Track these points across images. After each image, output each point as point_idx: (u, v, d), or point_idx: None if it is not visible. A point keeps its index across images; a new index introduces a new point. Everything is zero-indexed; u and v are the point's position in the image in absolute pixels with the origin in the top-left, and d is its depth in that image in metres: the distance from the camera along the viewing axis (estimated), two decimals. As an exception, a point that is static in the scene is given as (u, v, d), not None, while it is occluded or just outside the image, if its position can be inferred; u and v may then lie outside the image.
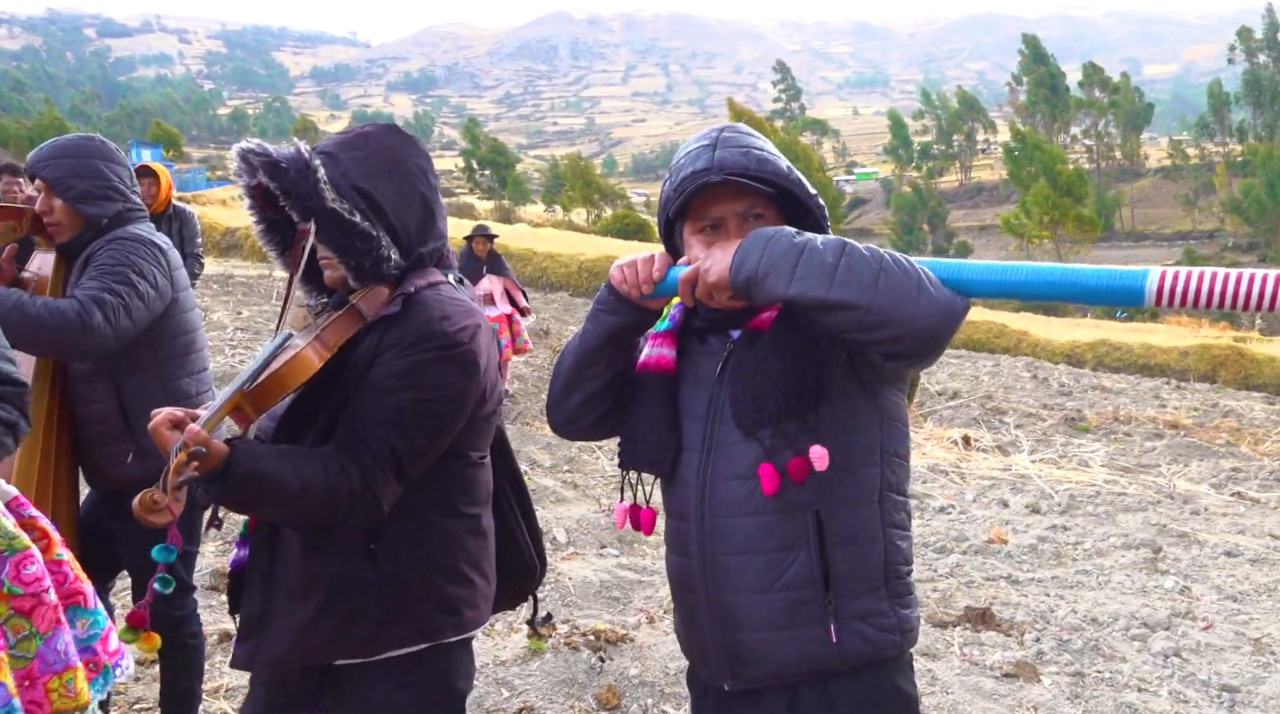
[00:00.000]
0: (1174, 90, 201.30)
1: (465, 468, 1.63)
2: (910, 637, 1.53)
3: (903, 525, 1.54)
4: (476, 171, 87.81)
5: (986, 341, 18.49)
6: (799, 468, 1.43)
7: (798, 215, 1.53)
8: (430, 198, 1.66)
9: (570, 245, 24.65)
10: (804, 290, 1.33)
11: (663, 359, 1.57)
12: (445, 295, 1.59)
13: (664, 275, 1.49)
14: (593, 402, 1.61)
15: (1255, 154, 63.65)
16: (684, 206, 1.52)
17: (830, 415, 1.46)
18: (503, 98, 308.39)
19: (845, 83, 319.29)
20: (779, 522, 1.46)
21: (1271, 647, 4.01)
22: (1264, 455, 8.72)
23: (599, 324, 1.54)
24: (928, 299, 1.32)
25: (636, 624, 3.95)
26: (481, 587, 1.66)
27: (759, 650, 1.48)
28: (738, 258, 1.38)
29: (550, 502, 5.73)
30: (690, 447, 1.54)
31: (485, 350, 1.59)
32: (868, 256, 1.34)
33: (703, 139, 1.54)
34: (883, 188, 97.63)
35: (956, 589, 4.66)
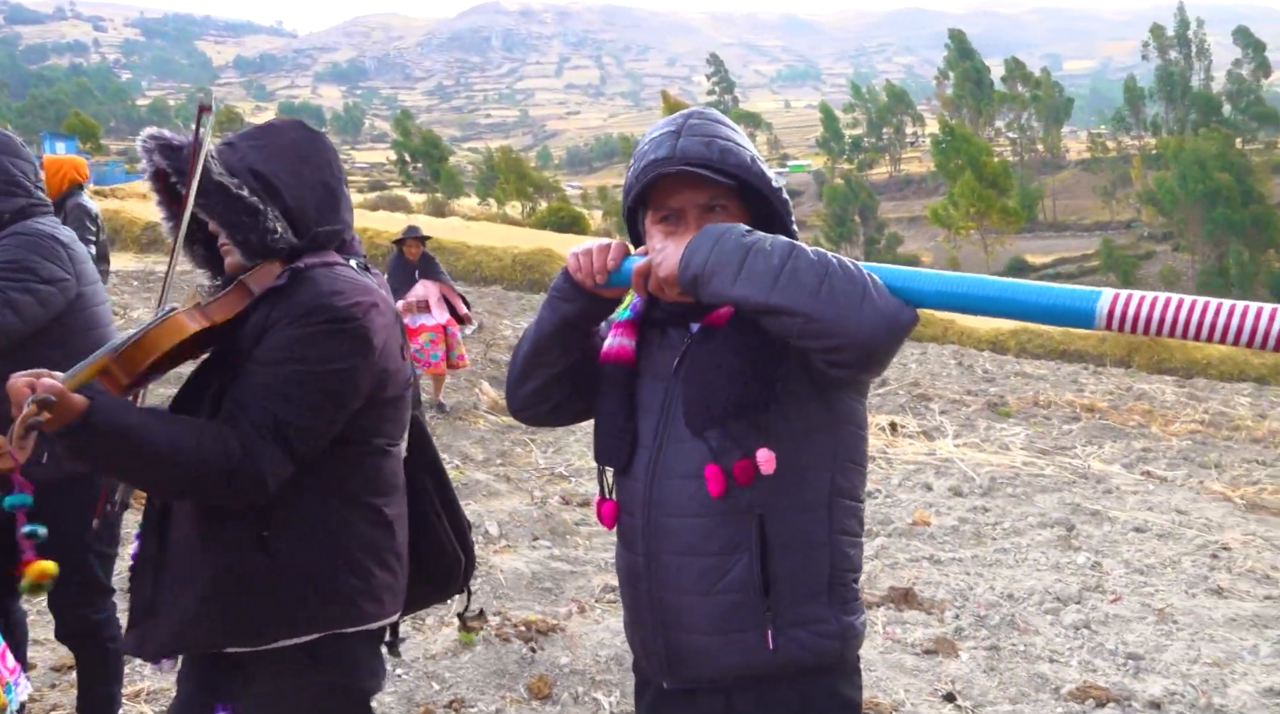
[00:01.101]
0: (1092, 85, 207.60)
1: (368, 456, 1.62)
2: (852, 644, 1.50)
3: (853, 532, 1.51)
4: (409, 164, 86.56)
5: (914, 330, 18.90)
6: (745, 471, 1.40)
7: (762, 209, 1.50)
8: (332, 185, 1.68)
9: (505, 239, 24.48)
10: (747, 293, 1.30)
11: (623, 350, 1.55)
12: (339, 273, 1.60)
13: (619, 265, 1.45)
14: (548, 389, 1.58)
15: (1168, 148, 66.11)
16: (645, 195, 1.50)
17: (781, 418, 1.42)
18: (435, 89, 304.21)
19: (777, 76, 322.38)
20: (722, 524, 1.43)
21: (1174, 616, 4.21)
22: (1172, 435, 9.10)
23: (554, 311, 1.51)
24: (871, 309, 1.28)
25: (568, 614, 3.98)
26: (383, 579, 1.63)
27: (696, 652, 1.46)
28: (687, 253, 1.35)
29: (483, 495, 5.72)
30: (643, 442, 1.51)
31: (382, 330, 1.59)
32: (814, 262, 1.30)
33: (669, 125, 1.50)
34: (815, 180, 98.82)
35: (881, 570, 4.79)
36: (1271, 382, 15.28)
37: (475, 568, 1.94)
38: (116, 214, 20.66)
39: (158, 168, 1.57)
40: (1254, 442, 9.20)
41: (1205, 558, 5.09)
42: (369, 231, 20.92)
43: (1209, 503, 6.41)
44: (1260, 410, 11.52)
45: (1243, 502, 6.48)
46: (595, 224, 62.33)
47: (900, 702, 3.31)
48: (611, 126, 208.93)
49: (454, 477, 5.96)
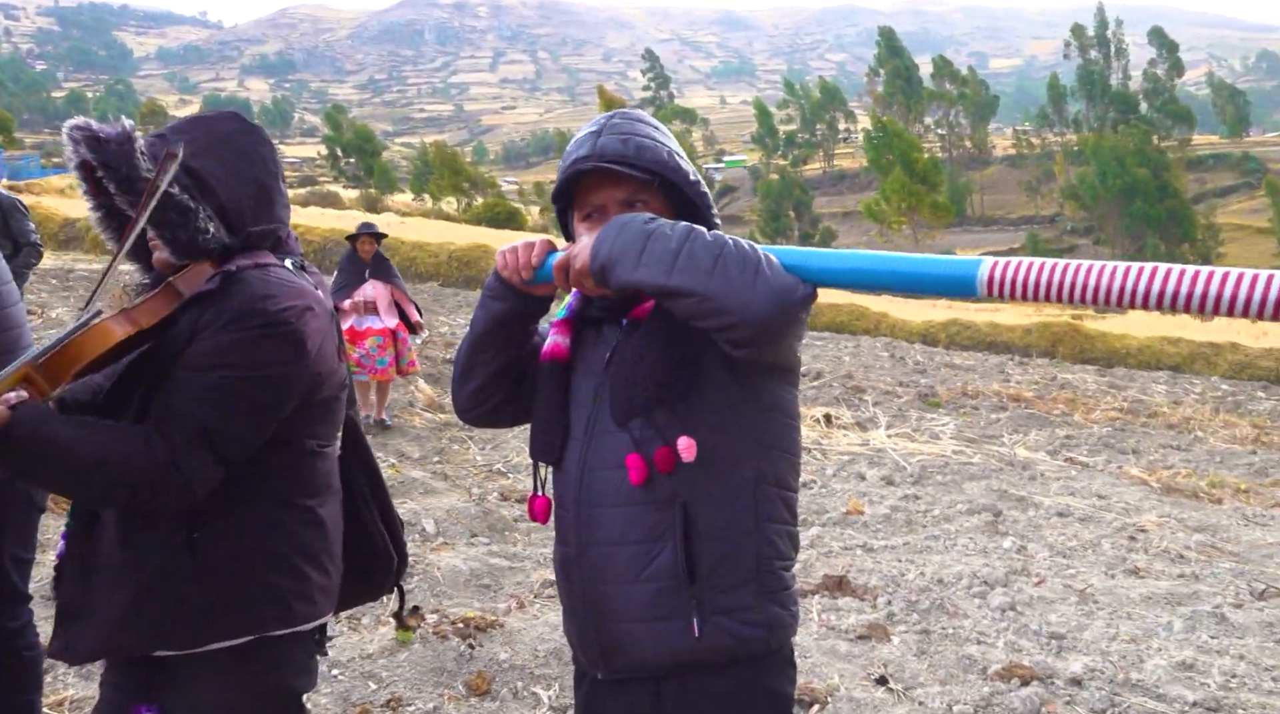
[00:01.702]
0: (1017, 83, 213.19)
1: (301, 456, 1.60)
2: (780, 633, 1.51)
3: (781, 519, 1.52)
4: (341, 159, 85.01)
5: (848, 323, 19.22)
6: (665, 459, 1.43)
7: (683, 204, 1.53)
8: (268, 182, 1.63)
9: (439, 234, 24.17)
10: (647, 277, 1.34)
11: (557, 348, 1.58)
12: (273, 276, 1.56)
13: (543, 261, 1.49)
14: (488, 388, 1.61)
15: (1088, 144, 68.27)
16: (571, 194, 1.54)
17: (703, 406, 1.46)
18: (366, 83, 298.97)
19: (713, 72, 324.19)
20: (646, 513, 1.46)
21: (1094, 596, 4.38)
22: (1094, 423, 9.43)
23: (486, 310, 1.55)
24: (763, 285, 1.32)
25: (507, 610, 3.98)
26: (317, 579, 1.61)
27: (626, 641, 1.48)
28: (595, 243, 1.39)
29: (419, 493, 5.67)
30: (574, 435, 1.54)
31: (316, 333, 1.56)
32: (710, 243, 1.34)
33: (593, 126, 1.55)
34: (751, 175, 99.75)
35: (816, 559, 4.88)
36: (1186, 370, 15.89)
37: (407, 567, 1.93)
38: (33, 210, 19.90)
39: (84, 159, 1.52)
40: (1169, 428, 9.58)
41: (1124, 540, 5.29)
42: (300, 228, 20.49)
43: (1127, 487, 6.66)
44: (1175, 397, 11.99)
45: (1158, 485, 6.75)
46: (532, 220, 62.02)
47: (834, 686, 3.38)
48: (548, 122, 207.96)
49: (390, 475, 5.91)
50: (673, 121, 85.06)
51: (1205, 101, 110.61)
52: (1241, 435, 9.34)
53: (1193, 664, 3.61)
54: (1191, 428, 9.60)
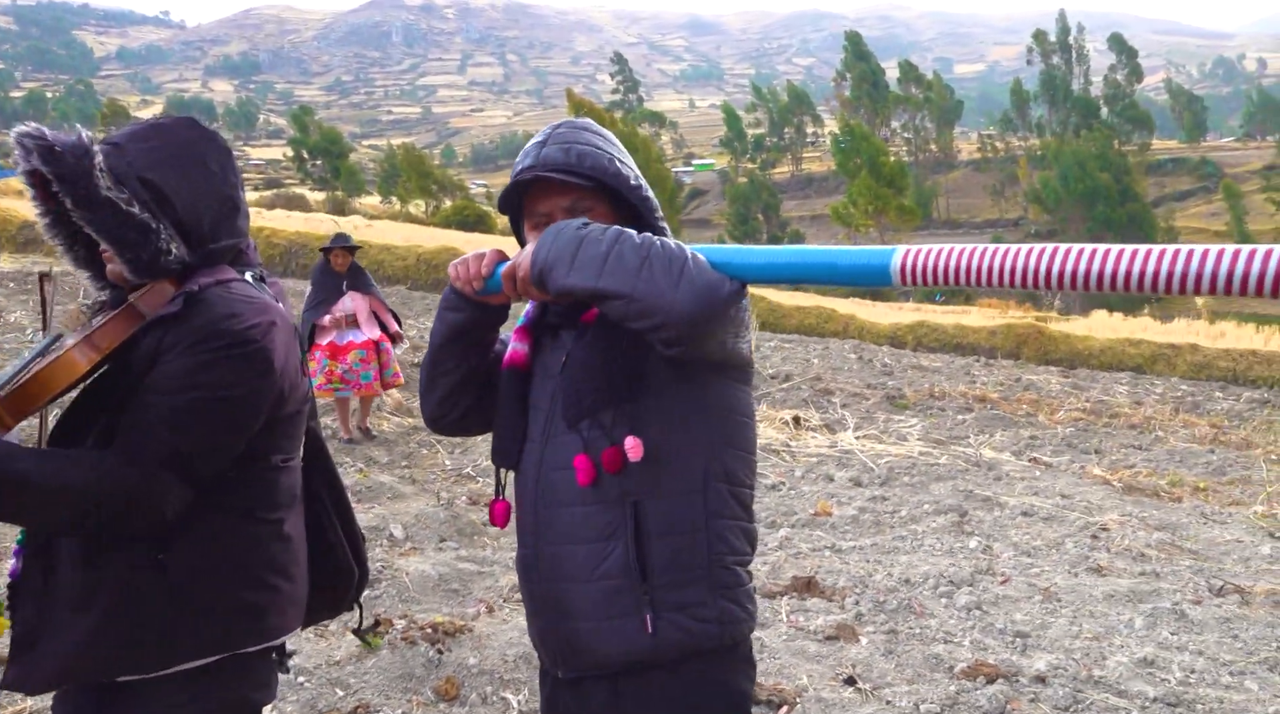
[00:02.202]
0: (981, 88, 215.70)
1: (265, 472, 1.58)
2: (734, 629, 1.52)
3: (734, 516, 1.54)
4: (307, 161, 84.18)
5: (817, 326, 19.34)
6: (613, 459, 1.45)
7: (628, 210, 1.56)
8: (229, 193, 1.60)
9: (407, 238, 24.01)
10: (579, 281, 1.37)
11: (515, 355, 1.61)
12: (235, 293, 1.52)
13: (492, 271, 1.52)
14: (452, 397, 1.64)
15: (1051, 149, 69.29)
16: (519, 203, 1.58)
17: (652, 406, 1.48)
18: (333, 85, 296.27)
19: (681, 75, 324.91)
20: (598, 512, 1.48)
21: (1058, 594, 4.44)
22: (1057, 423, 9.56)
23: (443, 321, 1.60)
24: (688, 283, 1.35)
25: (476, 615, 3.96)
26: (288, 592, 1.60)
27: (582, 640, 1.50)
28: (534, 251, 1.42)
29: (388, 498, 5.63)
30: (531, 438, 1.57)
31: (281, 348, 1.54)
32: (637, 245, 1.37)
33: (540, 136, 1.58)
34: (720, 179, 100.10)
35: (785, 561, 4.90)
36: (1147, 371, 16.16)
37: (368, 581, 1.91)
38: (-11, 213, 19.52)
39: (34, 168, 1.47)
40: (1131, 428, 9.74)
41: (1086, 539, 5.37)
42: (265, 231, 20.28)
43: (1090, 486, 6.76)
44: (1137, 398, 12.19)
45: (1120, 484, 6.86)
46: (501, 223, 61.77)
47: (803, 687, 3.40)
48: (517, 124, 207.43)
49: (358, 480, 5.86)
50: (642, 125, 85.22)
51: (1164, 107, 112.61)
52: (1200, 435, 9.52)
53: (1153, 660, 3.67)
54: (1152, 428, 9.76)
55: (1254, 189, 71.85)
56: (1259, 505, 6.39)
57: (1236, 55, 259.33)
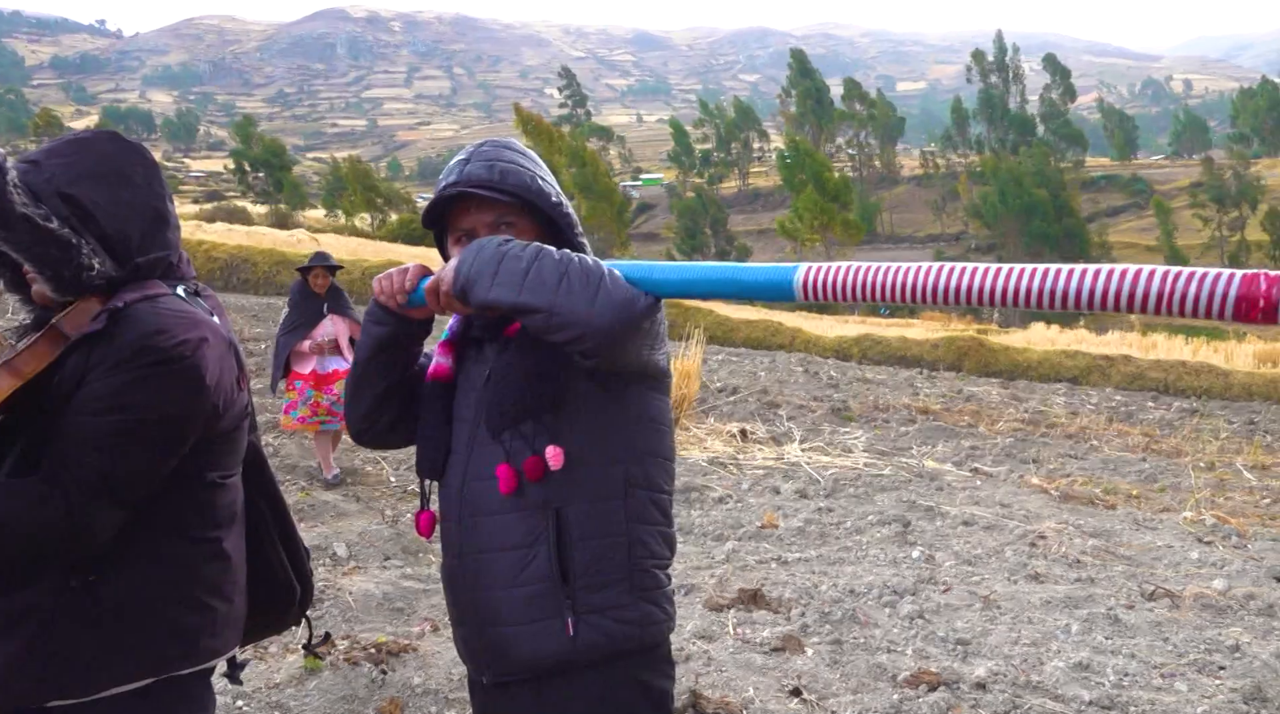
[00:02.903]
0: (922, 106, 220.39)
1: (201, 490, 1.54)
2: (654, 630, 1.57)
3: (653, 521, 1.59)
4: (249, 174, 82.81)
5: (764, 339, 19.52)
6: (535, 467, 1.50)
7: (550, 226, 1.61)
8: (156, 205, 1.57)
9: (353, 251, 23.75)
10: (500, 295, 1.41)
11: (439, 368, 1.66)
12: (164, 308, 1.48)
13: (416, 286, 1.56)
14: (378, 410, 1.68)
15: (989, 166, 71.01)
16: (442, 219, 1.63)
17: (571, 416, 1.53)
18: (276, 96, 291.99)
19: (629, 90, 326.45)
20: (520, 519, 1.53)
21: (998, 602, 4.53)
22: (997, 434, 9.77)
23: (368, 335, 1.64)
24: (604, 298, 1.40)
25: (420, 634, 3.92)
26: (224, 612, 1.57)
27: (506, 644, 1.54)
28: (456, 266, 1.47)
29: (331, 516, 5.54)
30: (456, 450, 1.61)
31: (214, 364, 1.50)
32: (556, 261, 1.42)
33: (463, 154, 1.63)
34: (668, 193, 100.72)
35: (732, 573, 4.93)
36: (1083, 382, 16.59)
37: (312, 598, 1.89)
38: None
39: None
40: (1067, 437, 9.99)
41: (1025, 546, 5.49)
42: (205, 245, 19.90)
43: (1028, 495, 6.92)
44: (1073, 408, 12.51)
45: (1057, 493, 7.03)
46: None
47: (749, 699, 3.42)
48: (464, 138, 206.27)
49: (300, 498, 5.76)
50: (590, 139, 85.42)
51: (1097, 126, 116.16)
52: (1133, 443, 9.80)
53: (1089, 664, 3.76)
54: (1088, 437, 10.03)
55: (1182, 205, 74.43)
56: (1188, 511, 6.60)
57: (1164, 77, 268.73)
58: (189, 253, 1.71)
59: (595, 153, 72.23)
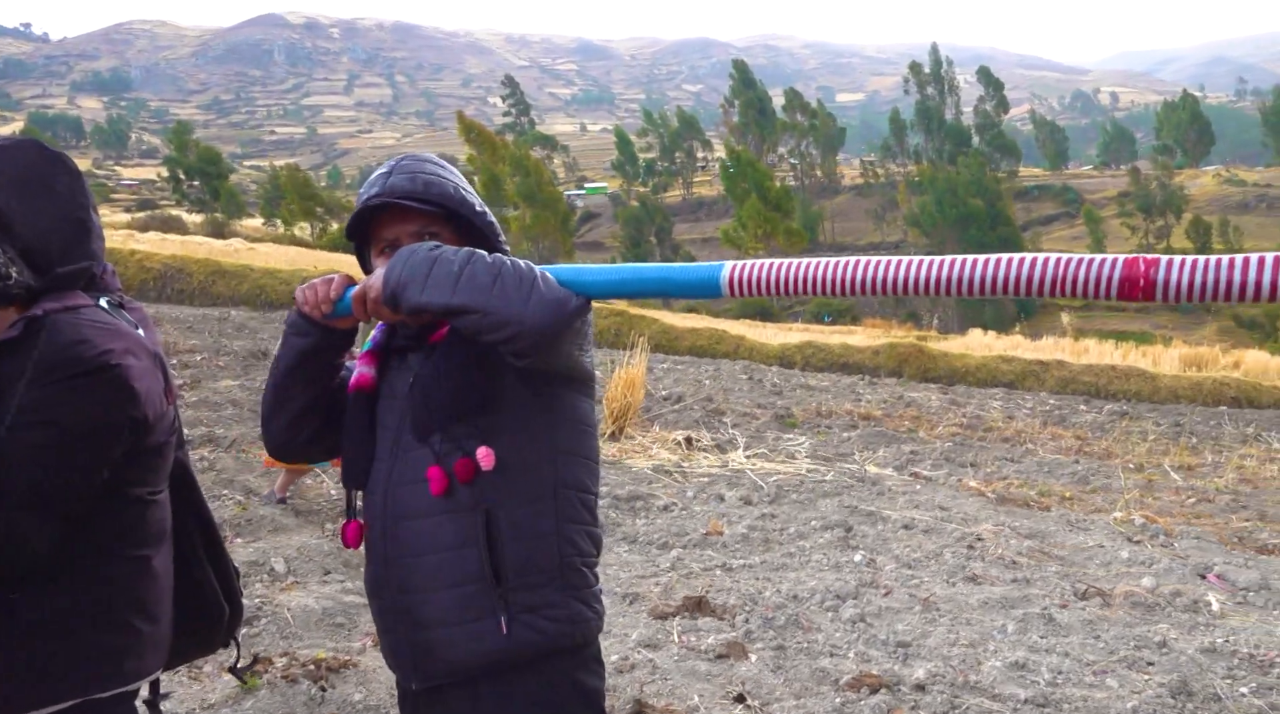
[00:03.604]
0: (862, 116, 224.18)
1: (127, 506, 1.51)
2: (585, 628, 1.61)
3: (582, 520, 1.63)
4: (184, 182, 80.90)
5: (708, 347, 19.63)
6: (465, 469, 1.52)
7: (472, 234, 1.64)
8: (78, 215, 1.54)
9: (292, 261, 23.36)
10: (433, 298, 1.44)
11: (362, 378, 1.66)
12: (85, 318, 1.46)
13: (341, 295, 1.58)
14: (299, 423, 1.68)
15: (927, 175, 72.51)
16: (365, 231, 1.65)
17: (501, 418, 1.56)
18: (211, 103, 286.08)
19: (573, 99, 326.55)
20: (451, 521, 1.54)
21: (937, 604, 4.61)
22: (936, 438, 9.95)
23: (289, 347, 1.63)
24: (538, 298, 1.44)
25: (362, 648, 3.85)
26: (149, 633, 1.54)
27: (439, 647, 1.55)
28: (385, 272, 1.49)
29: (268, 531, 5.43)
30: (379, 457, 1.62)
31: (140, 375, 1.48)
32: (489, 264, 1.46)
33: (384, 168, 1.67)
34: (612, 202, 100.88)
35: (677, 581, 4.94)
36: (1018, 386, 16.99)
37: (245, 619, 1.86)
38: None
39: None
40: (1004, 441, 10.22)
41: (963, 549, 5.60)
42: (138, 254, 19.37)
43: (966, 499, 7.06)
44: (1009, 412, 12.80)
45: (994, 496, 7.18)
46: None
47: (694, 707, 3.43)
48: (406, 146, 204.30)
49: (237, 513, 5.64)
50: (534, 148, 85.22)
51: (1029, 137, 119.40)
52: (1066, 446, 10.06)
53: (1024, 664, 3.85)
54: (1023, 440, 10.27)
55: (1111, 214, 76.77)
56: (1118, 511, 6.79)
57: (1092, 89, 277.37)
58: (120, 263, 1.69)
59: (539, 162, 72.06)
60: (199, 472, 6.36)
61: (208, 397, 8.86)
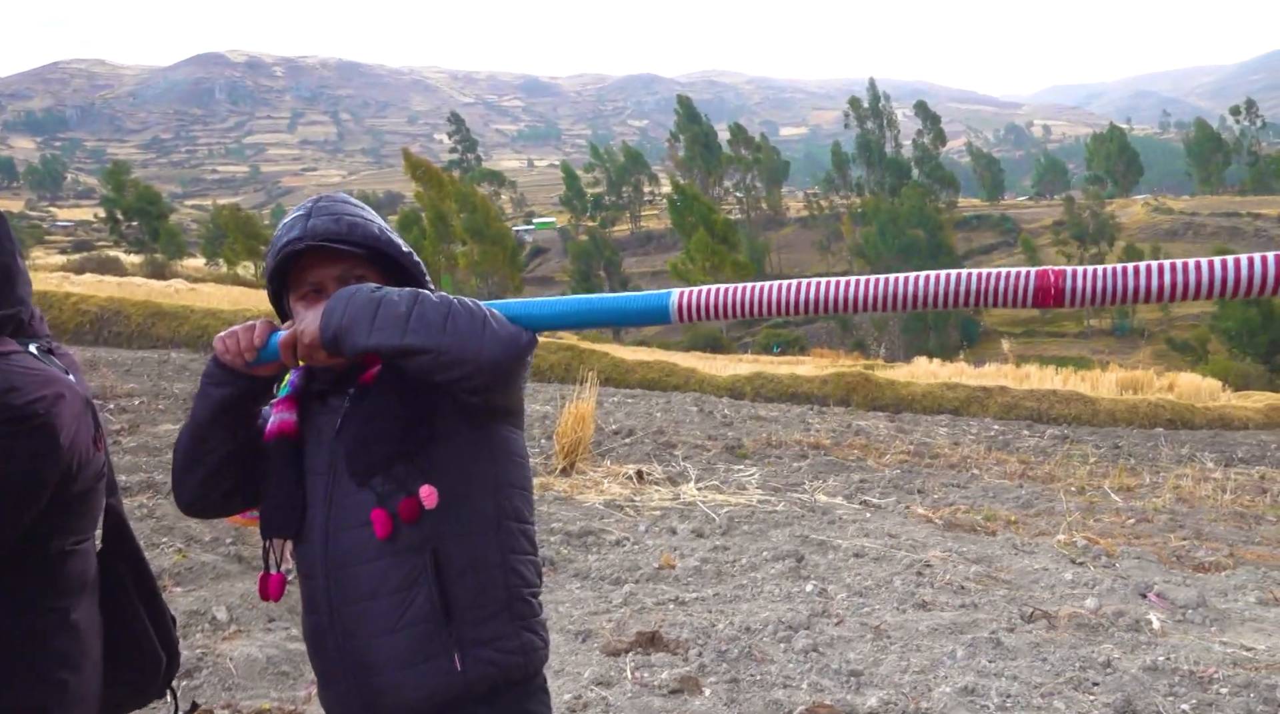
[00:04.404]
0: (805, 150, 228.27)
1: (52, 556, 1.48)
2: (534, 657, 1.62)
3: (524, 551, 1.65)
4: (122, 222, 79.27)
5: (659, 380, 19.69)
6: (410, 508, 1.51)
7: (397, 274, 1.64)
8: (4, 261, 1.51)
9: (235, 302, 22.96)
10: (382, 340, 1.43)
11: (284, 424, 1.62)
12: (15, 365, 1.44)
13: (265, 341, 1.55)
14: (216, 477, 1.63)
15: (869, 207, 74.05)
16: (285, 275, 1.62)
17: (441, 455, 1.55)
18: (151, 143, 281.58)
19: (519, 135, 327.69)
20: (398, 563, 1.52)
21: (888, 632, 4.65)
22: (885, 466, 10.07)
23: (208, 398, 1.58)
24: (491, 336, 1.45)
25: (307, 697, 3.76)
26: (74, 686, 1.49)
27: (393, 691, 1.53)
28: (324, 316, 1.47)
29: (210, 579, 5.29)
30: (313, 504, 1.59)
31: (70, 422, 1.45)
32: (437, 303, 1.45)
33: (300, 210, 1.64)
34: (560, 237, 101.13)
35: (630, 616, 4.92)
36: (963, 412, 17.31)
37: (183, 669, 1.81)
38: None
39: None
40: (950, 467, 10.37)
41: (912, 575, 5.66)
42: (74, 297, 18.92)
43: (915, 525, 7.14)
44: (955, 439, 13.02)
45: (941, 522, 7.28)
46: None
47: (648, 744, 3.40)
48: (353, 183, 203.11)
49: (178, 560, 5.49)
50: (481, 184, 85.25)
51: (967, 168, 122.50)
52: (1010, 471, 10.24)
53: (974, 688, 3.89)
54: (969, 466, 10.43)
55: (1047, 243, 78.89)
56: (1061, 534, 6.92)
57: (1025, 122, 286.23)
58: (55, 306, 1.66)
59: (486, 197, 72.07)
60: (138, 519, 6.20)
61: (147, 441, 8.65)
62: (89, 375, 12.67)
